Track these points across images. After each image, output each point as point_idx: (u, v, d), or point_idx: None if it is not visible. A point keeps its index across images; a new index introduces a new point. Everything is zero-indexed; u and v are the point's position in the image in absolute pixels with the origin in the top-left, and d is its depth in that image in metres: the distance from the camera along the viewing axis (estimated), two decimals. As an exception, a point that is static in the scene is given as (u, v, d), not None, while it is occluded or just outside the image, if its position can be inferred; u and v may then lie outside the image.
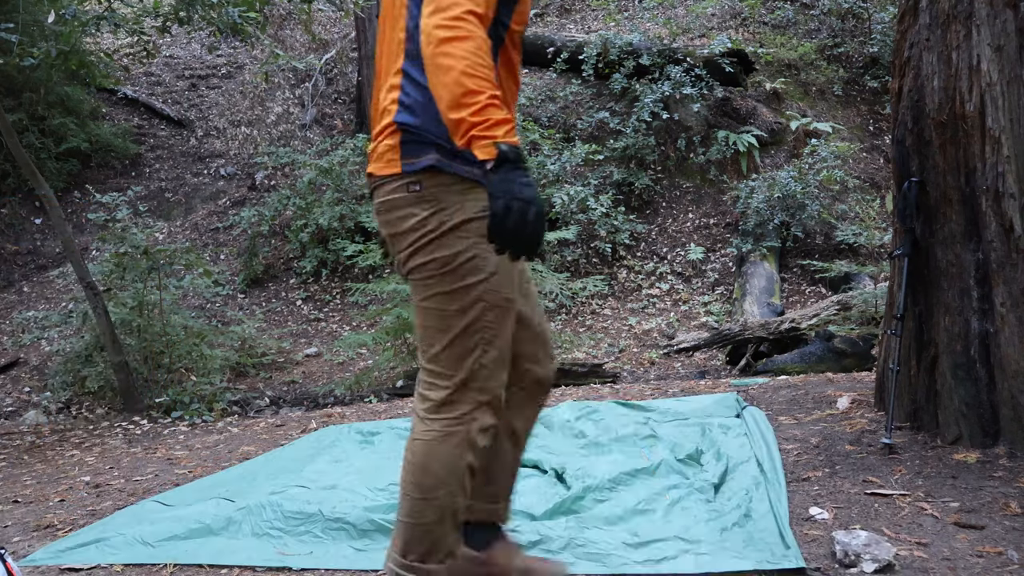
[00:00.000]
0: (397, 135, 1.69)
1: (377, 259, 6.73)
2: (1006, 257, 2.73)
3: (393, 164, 1.70)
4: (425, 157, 1.67)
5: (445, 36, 1.50)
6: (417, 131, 1.67)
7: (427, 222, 1.68)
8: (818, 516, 2.42)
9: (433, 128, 1.65)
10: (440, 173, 1.66)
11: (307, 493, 2.99)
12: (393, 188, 1.70)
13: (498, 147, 1.48)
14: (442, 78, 1.50)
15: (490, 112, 1.49)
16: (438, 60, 1.50)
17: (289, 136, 11.33)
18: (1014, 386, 2.71)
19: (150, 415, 5.84)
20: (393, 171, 1.70)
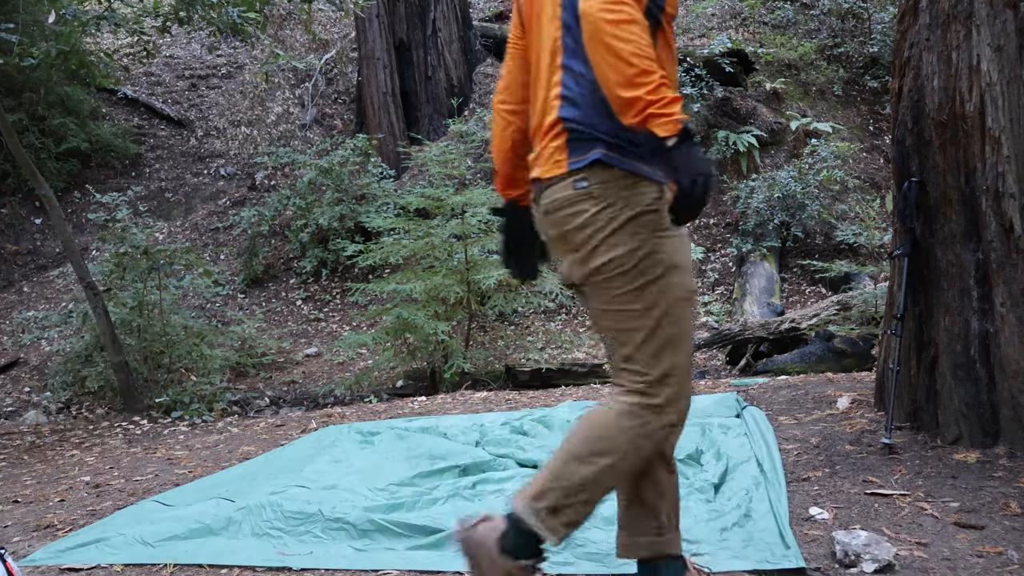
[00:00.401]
0: (563, 135, 1.70)
1: (377, 259, 6.72)
2: (1006, 257, 2.73)
3: (559, 165, 1.70)
4: (590, 153, 1.67)
5: (611, 18, 1.52)
6: (581, 126, 1.68)
7: (596, 219, 1.67)
8: (818, 516, 2.42)
9: (596, 121, 1.66)
10: (606, 168, 1.66)
11: (307, 493, 2.99)
12: (559, 187, 1.70)
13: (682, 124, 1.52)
14: (609, 59, 1.52)
15: (664, 91, 1.53)
16: (607, 41, 1.52)
17: (289, 136, 11.33)
18: (1014, 386, 2.71)
19: (150, 415, 5.84)
20: (559, 171, 1.70)
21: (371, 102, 10.20)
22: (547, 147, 1.73)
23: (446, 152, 7.20)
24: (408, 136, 10.09)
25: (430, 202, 6.78)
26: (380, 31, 10.22)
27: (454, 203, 6.60)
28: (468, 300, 6.53)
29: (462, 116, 10.15)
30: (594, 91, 1.63)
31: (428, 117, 10.59)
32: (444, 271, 6.41)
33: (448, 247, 6.62)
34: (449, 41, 10.77)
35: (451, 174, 7.11)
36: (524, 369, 6.32)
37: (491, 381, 6.39)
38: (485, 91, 10.90)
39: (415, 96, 10.62)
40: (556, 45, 1.72)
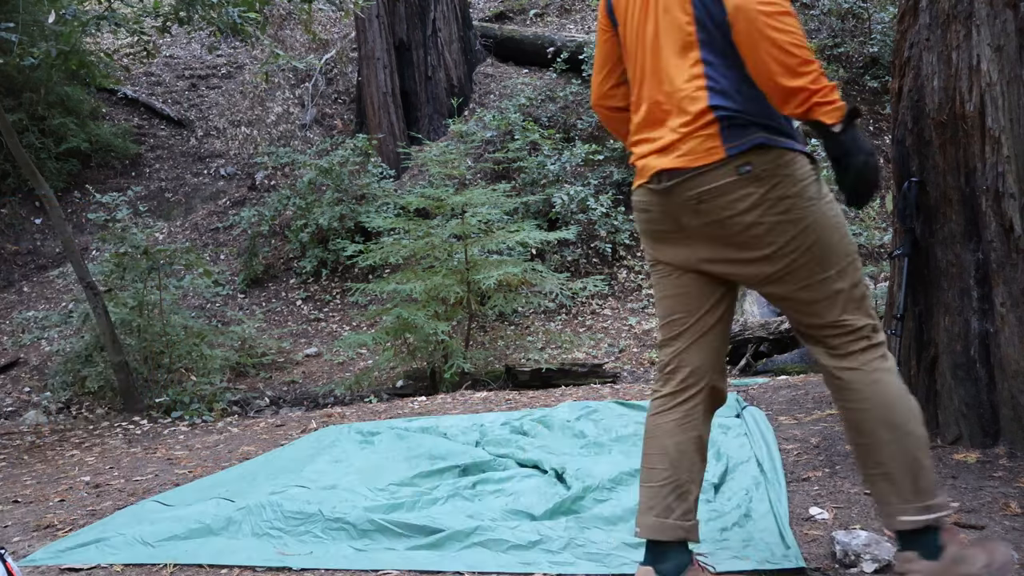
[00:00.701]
0: (715, 124, 1.70)
1: (377, 259, 6.72)
2: (1006, 257, 2.72)
3: (713, 152, 1.70)
4: (751, 137, 1.69)
5: (769, 10, 1.58)
6: (737, 113, 1.70)
7: (768, 197, 1.69)
8: (818, 516, 2.42)
9: (752, 108, 1.70)
10: (769, 150, 1.69)
11: (307, 493, 2.99)
12: (718, 175, 1.70)
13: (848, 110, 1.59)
14: (772, 50, 1.58)
15: (823, 80, 1.60)
16: (767, 33, 1.58)
17: (289, 136, 11.33)
18: (1014, 386, 2.71)
19: (150, 415, 5.84)
20: (715, 158, 1.70)
21: (371, 102, 10.20)
22: (690, 136, 1.72)
23: (446, 152, 7.21)
24: (408, 136, 10.09)
25: (430, 202, 6.78)
26: (380, 31, 10.22)
27: (454, 203, 6.60)
28: (468, 300, 6.53)
29: (462, 116, 10.16)
30: (741, 81, 1.68)
31: (428, 117, 10.59)
32: (444, 271, 6.41)
33: (448, 247, 6.62)
34: (449, 41, 10.77)
35: (451, 174, 7.12)
36: (524, 369, 6.32)
37: (491, 381, 6.38)
38: (485, 91, 10.90)
39: (415, 96, 10.62)
40: (690, 40, 1.74)
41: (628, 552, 2.26)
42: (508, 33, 11.49)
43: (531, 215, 8.41)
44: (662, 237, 1.86)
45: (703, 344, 1.89)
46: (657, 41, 1.80)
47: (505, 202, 6.96)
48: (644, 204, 1.86)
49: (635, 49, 1.86)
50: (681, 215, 1.78)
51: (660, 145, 1.78)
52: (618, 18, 1.92)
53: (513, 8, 12.92)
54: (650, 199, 1.83)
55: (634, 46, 1.86)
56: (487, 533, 2.42)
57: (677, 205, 1.77)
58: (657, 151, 1.78)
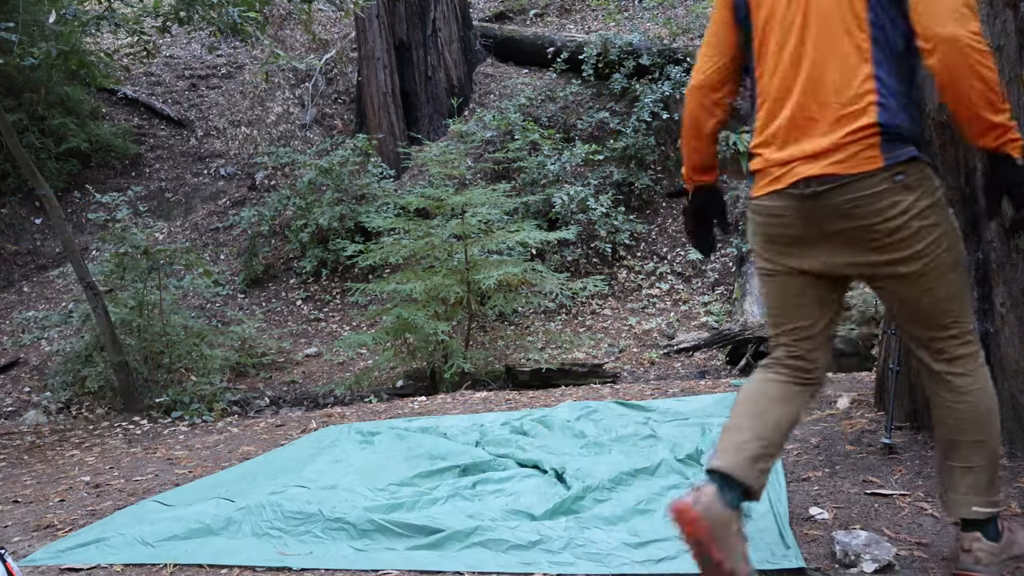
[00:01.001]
0: (876, 137, 1.80)
1: (377, 259, 6.72)
2: (1006, 257, 2.72)
3: (872, 160, 1.80)
4: (906, 150, 1.81)
5: (983, 48, 1.72)
6: (897, 129, 1.81)
7: (916, 205, 1.82)
8: (818, 516, 2.42)
9: (910, 124, 1.84)
10: (919, 162, 1.83)
11: (307, 493, 2.99)
12: (873, 182, 1.80)
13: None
14: (979, 85, 1.73)
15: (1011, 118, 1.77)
16: (979, 69, 1.72)
17: (289, 136, 11.33)
18: (1014, 386, 2.71)
19: (150, 415, 5.84)
20: (873, 167, 1.80)
21: (371, 102, 10.20)
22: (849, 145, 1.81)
23: (446, 152, 7.21)
24: (408, 136, 10.09)
25: (430, 202, 6.78)
26: (380, 31, 10.22)
27: (454, 203, 6.60)
28: (468, 300, 6.53)
29: (462, 116, 10.16)
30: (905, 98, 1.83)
31: (428, 117, 10.59)
32: (444, 271, 6.41)
33: (448, 247, 6.62)
34: (449, 41, 10.77)
35: (451, 174, 7.12)
36: (524, 369, 6.32)
37: (491, 381, 6.39)
38: (485, 91, 10.90)
39: (415, 96, 10.62)
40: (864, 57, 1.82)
41: (628, 552, 2.27)
42: (508, 33, 11.49)
43: (531, 215, 8.41)
44: (793, 242, 1.92)
45: (825, 341, 2.01)
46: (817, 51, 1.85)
47: (505, 202, 6.96)
48: (778, 209, 1.91)
49: (781, 52, 1.90)
50: (826, 220, 1.85)
51: (810, 152, 1.84)
52: (754, 18, 1.94)
53: (513, 8, 12.92)
54: (787, 204, 1.88)
55: (779, 48, 1.90)
56: (487, 533, 2.42)
57: (825, 210, 1.84)
58: (806, 158, 1.85)
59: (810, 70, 1.85)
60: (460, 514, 2.64)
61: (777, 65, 1.91)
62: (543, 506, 2.65)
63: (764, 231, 1.98)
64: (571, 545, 2.32)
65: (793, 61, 1.88)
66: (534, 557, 2.29)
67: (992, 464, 1.92)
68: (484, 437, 3.66)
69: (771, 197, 1.91)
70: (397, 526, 2.53)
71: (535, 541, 2.36)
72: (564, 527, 2.45)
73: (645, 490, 2.72)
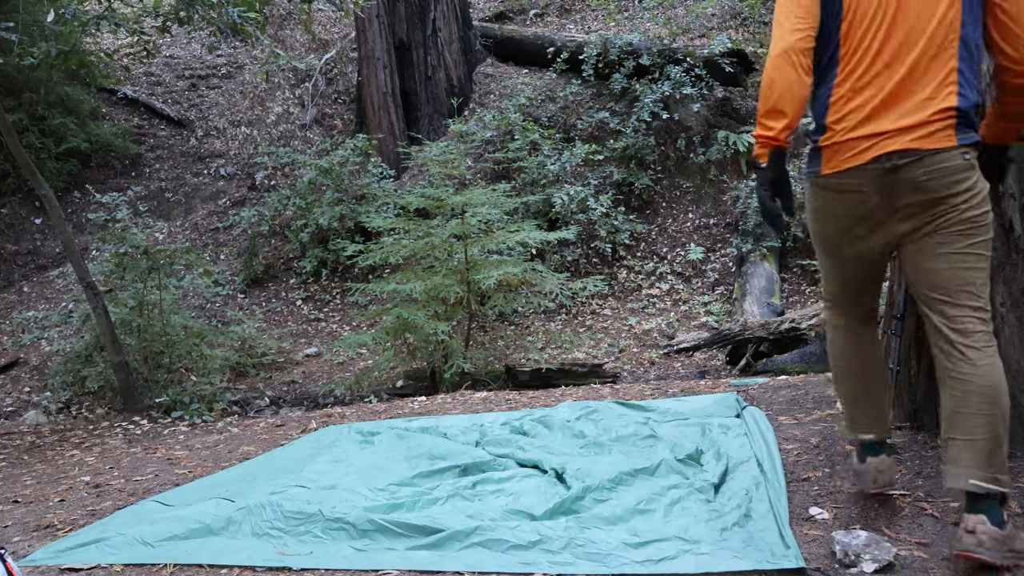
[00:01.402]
0: (953, 119, 2.02)
1: (377, 259, 6.72)
2: (1006, 257, 2.72)
3: (948, 139, 2.02)
4: (971, 135, 2.05)
5: None
6: (968, 115, 2.04)
7: (978, 184, 2.05)
8: (818, 516, 2.42)
9: (974, 114, 2.07)
10: (977, 146, 2.07)
11: (307, 493, 2.99)
12: (946, 157, 2.02)
13: None
14: None
15: None
16: None
17: (289, 136, 11.33)
18: (1014, 386, 2.70)
19: (150, 415, 5.84)
20: (948, 144, 2.02)
21: (371, 102, 10.20)
22: (928, 123, 2.02)
23: (446, 152, 7.21)
24: (408, 136, 10.09)
25: (430, 202, 6.78)
26: (380, 31, 10.22)
27: (454, 203, 6.60)
28: (468, 300, 6.53)
29: (462, 116, 10.16)
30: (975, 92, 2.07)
31: (428, 117, 10.59)
32: (444, 271, 6.41)
33: (448, 247, 6.62)
34: (449, 41, 10.77)
35: (451, 174, 7.12)
36: (524, 369, 6.33)
37: (491, 381, 6.39)
38: (485, 91, 10.90)
39: (415, 96, 10.62)
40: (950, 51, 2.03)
41: (628, 552, 2.27)
42: (508, 33, 11.49)
43: (531, 215, 8.41)
44: (863, 218, 2.11)
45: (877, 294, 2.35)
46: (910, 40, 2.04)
47: (505, 202, 6.96)
48: (856, 185, 2.08)
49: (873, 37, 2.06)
50: (900, 192, 2.06)
51: (893, 128, 2.03)
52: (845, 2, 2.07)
53: (513, 8, 12.93)
54: (865, 179, 2.06)
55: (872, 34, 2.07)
56: (487, 533, 2.42)
57: (902, 182, 2.05)
58: (889, 134, 2.03)
59: (903, 54, 2.04)
60: (460, 514, 2.64)
61: (869, 48, 2.07)
62: (543, 506, 2.65)
63: (836, 208, 2.14)
64: (571, 545, 2.33)
65: (887, 47, 2.05)
66: (534, 557, 2.29)
67: (996, 439, 1.99)
68: (484, 437, 3.66)
69: (849, 174, 2.07)
70: (397, 526, 2.53)
71: (535, 541, 2.36)
72: (564, 527, 2.45)
73: (645, 490, 2.72)
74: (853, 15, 2.07)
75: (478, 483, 2.98)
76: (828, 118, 2.09)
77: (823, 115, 2.10)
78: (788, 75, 2.06)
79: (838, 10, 2.07)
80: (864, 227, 2.13)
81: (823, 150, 2.10)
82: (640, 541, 2.32)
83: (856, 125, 2.05)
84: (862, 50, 2.06)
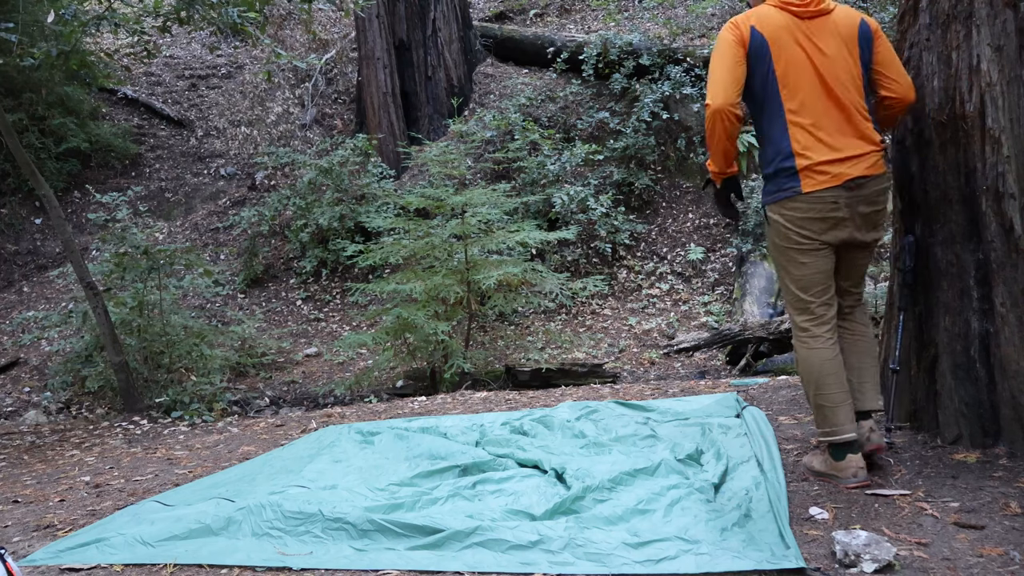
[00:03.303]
0: (881, 150, 2.64)
1: (377, 259, 6.72)
2: (1006, 257, 2.72)
3: (882, 166, 2.65)
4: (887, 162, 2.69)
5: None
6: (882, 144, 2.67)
7: (890, 201, 2.75)
8: (818, 516, 2.42)
9: None
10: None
11: (307, 493, 2.99)
12: (881, 180, 2.65)
13: None
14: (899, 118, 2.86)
15: None
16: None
17: (289, 136, 11.33)
18: (1014, 386, 2.71)
19: (150, 415, 5.84)
20: (883, 171, 2.66)
21: (371, 102, 10.20)
22: (870, 155, 2.61)
23: (446, 152, 7.21)
24: (408, 136, 10.09)
25: (430, 202, 6.78)
26: (380, 31, 10.22)
27: (454, 203, 6.60)
28: (468, 300, 6.53)
29: (462, 116, 10.15)
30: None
31: (428, 117, 10.59)
32: (444, 271, 6.41)
33: (448, 247, 6.62)
34: (449, 41, 10.77)
35: (451, 174, 7.12)
36: (524, 369, 6.32)
37: (491, 381, 6.39)
38: (485, 91, 10.90)
39: (415, 96, 10.62)
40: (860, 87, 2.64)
41: (628, 552, 2.26)
42: (508, 33, 11.49)
43: (531, 215, 8.41)
44: (837, 223, 2.63)
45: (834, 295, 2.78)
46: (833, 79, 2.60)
47: (505, 202, 6.96)
48: (833, 198, 2.59)
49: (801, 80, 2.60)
50: (859, 206, 2.62)
51: (847, 157, 2.58)
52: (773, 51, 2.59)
53: (513, 8, 12.92)
54: (839, 195, 2.59)
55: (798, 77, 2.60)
56: (487, 533, 2.42)
57: (861, 199, 2.61)
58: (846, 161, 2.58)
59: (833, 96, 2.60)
60: (460, 514, 2.64)
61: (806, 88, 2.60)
62: (543, 506, 2.65)
63: (819, 215, 2.61)
64: (571, 545, 2.32)
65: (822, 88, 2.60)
66: (534, 557, 2.29)
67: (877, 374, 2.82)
68: (484, 437, 3.66)
69: (827, 192, 2.59)
70: (397, 526, 2.53)
71: (535, 541, 2.36)
72: (564, 527, 2.45)
73: (645, 490, 2.72)
74: (785, 63, 2.59)
75: (478, 483, 2.98)
76: (789, 146, 2.61)
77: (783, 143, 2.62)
78: (725, 127, 2.66)
79: (768, 59, 2.60)
80: (837, 232, 2.64)
81: (799, 173, 2.60)
82: (640, 541, 2.32)
83: (824, 153, 2.58)
84: (801, 90, 2.59)
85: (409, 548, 2.43)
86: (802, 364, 2.70)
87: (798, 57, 2.58)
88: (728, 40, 2.62)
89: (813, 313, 2.68)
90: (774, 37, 2.59)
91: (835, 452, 2.66)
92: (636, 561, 2.21)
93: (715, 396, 4.13)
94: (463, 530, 2.44)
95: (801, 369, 2.71)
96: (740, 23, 2.63)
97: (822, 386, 2.64)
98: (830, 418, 2.64)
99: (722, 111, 2.61)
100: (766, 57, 2.59)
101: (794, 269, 2.69)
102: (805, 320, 2.69)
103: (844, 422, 2.62)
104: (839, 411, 2.63)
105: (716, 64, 2.62)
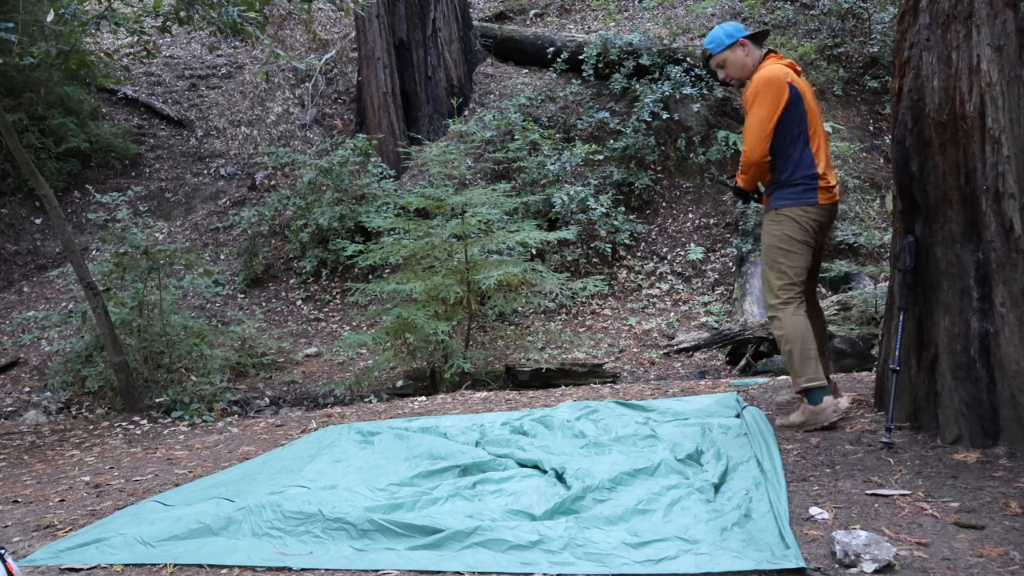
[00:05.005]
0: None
1: (377, 259, 6.72)
2: (1006, 257, 2.72)
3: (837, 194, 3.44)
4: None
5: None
6: None
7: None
8: (818, 516, 2.42)
9: None
10: None
11: (307, 493, 2.99)
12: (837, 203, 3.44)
13: None
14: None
15: None
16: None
17: (289, 136, 11.33)
18: (1014, 386, 2.71)
19: (150, 415, 5.84)
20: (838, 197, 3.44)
21: (371, 102, 10.20)
22: (837, 184, 3.41)
23: (446, 152, 7.21)
24: (408, 136, 10.09)
25: (430, 202, 6.78)
26: (380, 31, 10.22)
27: (454, 203, 6.60)
28: (468, 300, 6.53)
29: (462, 116, 10.15)
30: None
31: (428, 117, 10.59)
32: (444, 271, 6.41)
33: (448, 247, 6.62)
34: (449, 41, 10.77)
35: (451, 174, 7.12)
36: (524, 369, 6.32)
37: (491, 381, 6.39)
38: (485, 91, 10.90)
39: (415, 96, 10.62)
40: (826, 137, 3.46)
41: (628, 552, 2.26)
42: (508, 33, 11.49)
43: (531, 215, 8.41)
44: (821, 229, 3.36)
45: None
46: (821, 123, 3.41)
47: (505, 202, 6.96)
48: (828, 211, 3.35)
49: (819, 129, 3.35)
50: (832, 218, 3.41)
51: (834, 185, 3.36)
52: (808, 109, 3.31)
53: (513, 8, 12.92)
54: (830, 210, 3.36)
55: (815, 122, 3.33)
56: (487, 533, 2.42)
57: (835, 212, 3.43)
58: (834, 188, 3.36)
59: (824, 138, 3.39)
60: (460, 514, 2.64)
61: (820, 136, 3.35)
62: (543, 506, 2.65)
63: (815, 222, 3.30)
64: (571, 545, 2.32)
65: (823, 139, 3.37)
66: (534, 557, 2.29)
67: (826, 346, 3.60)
68: (484, 437, 3.66)
69: (826, 206, 3.33)
70: (397, 526, 2.53)
71: (535, 541, 2.36)
72: (564, 527, 2.45)
73: (645, 490, 2.72)
74: (811, 113, 3.31)
75: (478, 483, 2.98)
76: (816, 170, 3.29)
77: (812, 166, 3.29)
78: (759, 173, 3.39)
79: (802, 111, 3.28)
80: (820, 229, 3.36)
81: (820, 189, 3.28)
82: (640, 541, 2.32)
83: (829, 180, 3.32)
84: (815, 135, 3.32)
85: (409, 548, 2.43)
86: (791, 328, 3.24)
87: (813, 107, 3.35)
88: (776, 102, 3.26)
89: (796, 291, 3.32)
90: (802, 90, 3.32)
91: (813, 397, 3.26)
92: (636, 561, 2.21)
93: (715, 396, 4.13)
94: (463, 530, 2.44)
95: (790, 332, 3.24)
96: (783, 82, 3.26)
97: (807, 341, 3.23)
98: (813, 366, 3.23)
99: (759, 164, 3.35)
100: (800, 104, 3.29)
101: (795, 259, 3.31)
102: (791, 296, 3.31)
103: (820, 371, 3.26)
104: (818, 362, 3.27)
105: (758, 119, 3.29)
